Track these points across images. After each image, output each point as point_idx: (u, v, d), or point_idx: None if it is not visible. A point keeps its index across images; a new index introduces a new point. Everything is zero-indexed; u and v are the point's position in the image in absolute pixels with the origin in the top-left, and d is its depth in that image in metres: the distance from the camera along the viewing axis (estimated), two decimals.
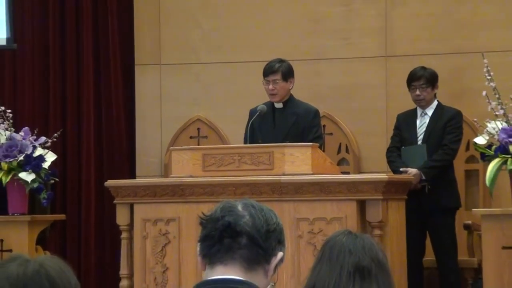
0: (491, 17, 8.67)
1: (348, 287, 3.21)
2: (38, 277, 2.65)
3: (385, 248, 3.35)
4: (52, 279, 2.66)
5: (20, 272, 2.65)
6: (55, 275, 2.67)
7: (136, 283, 7.20)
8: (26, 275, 2.65)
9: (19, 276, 2.65)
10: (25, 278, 2.65)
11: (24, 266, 2.67)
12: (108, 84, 9.56)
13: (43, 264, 2.67)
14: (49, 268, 2.67)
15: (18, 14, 9.64)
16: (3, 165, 7.36)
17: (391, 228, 6.84)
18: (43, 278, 2.66)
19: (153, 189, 7.19)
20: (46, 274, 2.66)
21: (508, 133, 6.65)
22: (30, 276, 2.65)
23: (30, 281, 2.64)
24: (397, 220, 6.96)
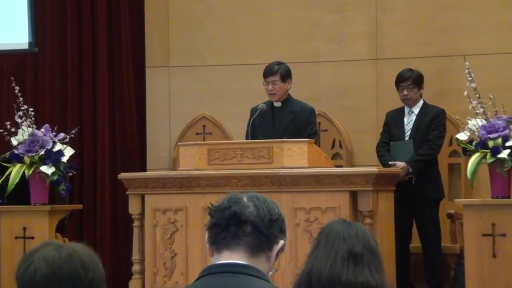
0: (472, 23, 8.66)
1: (342, 271, 3.22)
2: (71, 260, 2.70)
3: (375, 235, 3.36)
4: (84, 262, 2.71)
5: (55, 255, 2.70)
6: (87, 260, 2.72)
7: (147, 267, 7.18)
8: (60, 258, 2.69)
9: (55, 258, 2.69)
10: (60, 260, 2.69)
11: (59, 250, 2.71)
12: (121, 84, 9.56)
13: (76, 249, 2.72)
14: (81, 253, 2.72)
15: (39, 20, 9.66)
16: (26, 159, 7.33)
17: (381, 217, 6.83)
18: (76, 261, 2.70)
19: (163, 181, 7.17)
20: (79, 258, 2.71)
21: (487, 130, 6.63)
22: (64, 258, 2.69)
23: (64, 263, 2.69)
24: (386, 210, 6.95)
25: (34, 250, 2.77)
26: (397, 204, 7.19)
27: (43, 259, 2.70)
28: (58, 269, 2.67)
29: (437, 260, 8.09)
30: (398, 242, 7.24)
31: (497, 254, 6.54)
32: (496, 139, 6.61)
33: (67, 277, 2.68)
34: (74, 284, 2.68)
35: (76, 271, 2.69)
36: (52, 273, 2.68)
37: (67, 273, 2.69)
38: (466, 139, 6.78)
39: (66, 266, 2.69)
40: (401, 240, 7.53)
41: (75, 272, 2.69)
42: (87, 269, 2.71)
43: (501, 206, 6.60)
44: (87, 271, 2.71)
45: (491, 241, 6.55)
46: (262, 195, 2.95)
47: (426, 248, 8.09)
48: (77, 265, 2.69)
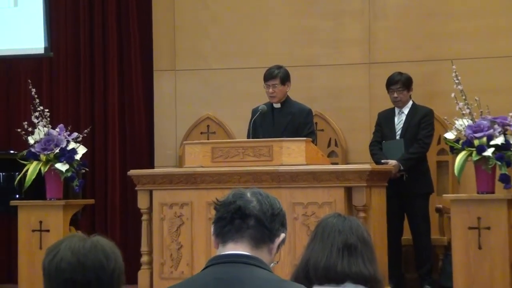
0: (458, 30, 8.66)
1: (337, 262, 3.25)
2: (95, 250, 2.72)
3: (368, 229, 3.37)
4: (106, 253, 2.73)
5: (80, 245, 2.72)
6: (109, 251, 2.74)
7: (155, 258, 7.18)
8: (85, 248, 2.71)
9: (80, 248, 2.71)
10: (84, 250, 2.71)
11: (83, 241, 2.73)
12: (130, 87, 9.57)
13: (99, 241, 2.74)
14: (104, 244, 2.74)
15: (54, 27, 9.66)
16: (42, 157, 7.33)
17: (374, 211, 6.82)
18: (99, 251, 2.72)
19: (169, 177, 7.17)
20: (102, 248, 2.73)
21: (473, 129, 6.62)
22: (88, 249, 2.72)
23: (88, 253, 2.71)
24: (379, 204, 6.95)
25: (60, 241, 2.79)
26: (389, 199, 7.19)
27: (69, 248, 2.72)
28: (82, 258, 2.69)
29: (427, 251, 8.09)
30: (390, 234, 7.24)
31: (482, 246, 6.55)
32: (481, 138, 6.61)
33: (91, 265, 2.70)
34: (96, 272, 2.70)
35: (99, 261, 2.71)
36: (77, 262, 2.70)
37: (91, 262, 2.71)
38: (453, 138, 6.78)
39: (90, 256, 2.71)
40: (392, 232, 7.53)
41: (98, 261, 2.71)
42: (109, 259, 2.73)
43: (486, 201, 6.60)
44: (109, 261, 2.73)
45: (477, 234, 6.55)
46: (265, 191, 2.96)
47: (416, 240, 8.09)
48: (100, 255, 2.72)
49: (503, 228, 6.53)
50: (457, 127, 6.75)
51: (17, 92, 9.63)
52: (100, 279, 2.71)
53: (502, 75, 8.51)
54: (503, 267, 6.51)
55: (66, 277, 2.70)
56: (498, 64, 8.54)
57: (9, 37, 9.67)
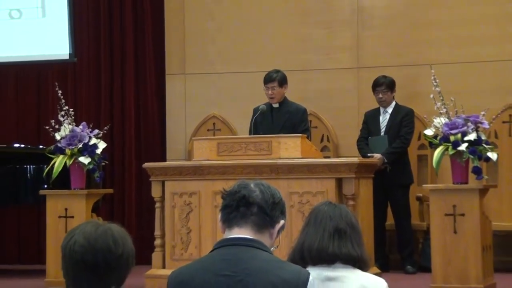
0: (437, 38, 8.66)
1: (329, 245, 3.25)
2: (105, 235, 2.70)
3: (356, 215, 3.38)
4: (115, 238, 2.70)
5: (92, 230, 2.71)
6: (118, 237, 2.71)
7: (167, 242, 7.16)
8: (97, 233, 2.70)
9: (92, 232, 2.70)
10: (96, 234, 2.69)
11: (96, 227, 2.72)
12: (145, 89, 9.57)
13: (110, 227, 2.72)
14: (115, 231, 2.72)
15: (77, 36, 9.66)
16: (67, 151, 7.33)
17: (361, 199, 6.81)
18: (109, 236, 2.70)
19: (180, 169, 7.14)
20: (111, 234, 2.71)
21: (449, 127, 6.61)
22: (99, 233, 2.70)
23: (99, 237, 2.69)
24: (366, 194, 6.94)
25: (76, 226, 2.80)
26: (375, 189, 7.17)
27: (82, 233, 2.72)
28: (93, 241, 2.68)
29: (408, 235, 8.13)
30: (375, 220, 7.23)
31: (457, 231, 6.55)
32: (456, 134, 6.60)
33: (100, 249, 2.69)
34: (105, 255, 2.69)
35: (108, 245, 2.69)
36: (88, 245, 2.69)
37: (100, 246, 2.69)
38: (432, 134, 6.77)
39: (100, 240, 2.69)
40: (378, 219, 7.54)
41: (106, 245, 2.69)
42: (117, 244, 2.71)
43: (460, 191, 6.60)
44: (117, 246, 2.70)
45: (453, 220, 6.55)
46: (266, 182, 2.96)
47: (399, 226, 8.12)
48: (109, 240, 2.70)
49: (475, 215, 6.54)
50: (435, 124, 6.74)
51: (46, 93, 9.65)
52: (107, 261, 2.69)
53: (475, 79, 8.52)
54: (475, 250, 6.52)
55: (78, 259, 2.70)
56: (471, 68, 8.55)
57: (39, 44, 9.68)
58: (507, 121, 8.46)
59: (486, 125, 6.73)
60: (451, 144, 6.61)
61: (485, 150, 6.65)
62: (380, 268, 7.17)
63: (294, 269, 2.81)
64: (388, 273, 7.62)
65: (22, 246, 9.78)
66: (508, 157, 8.38)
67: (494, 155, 6.70)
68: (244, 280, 2.73)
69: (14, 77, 9.91)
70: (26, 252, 9.71)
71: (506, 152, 8.35)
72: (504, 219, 8.16)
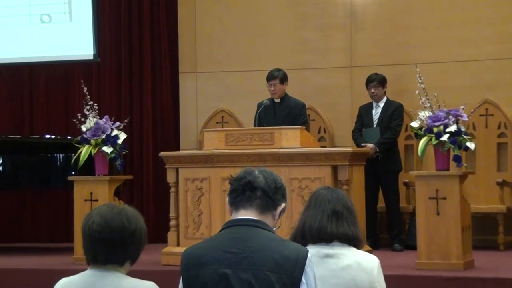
0: (422, 40, 8.67)
1: (327, 225, 3.26)
2: (120, 215, 2.77)
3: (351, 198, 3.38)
4: (128, 217, 2.77)
5: (108, 211, 2.77)
6: (131, 215, 2.78)
7: (180, 222, 7.16)
8: (112, 212, 2.77)
9: (107, 212, 2.76)
10: (111, 214, 2.76)
11: (111, 208, 2.79)
12: (160, 86, 9.56)
13: (124, 208, 2.79)
14: (128, 211, 2.79)
15: (101, 38, 9.66)
16: (92, 142, 7.33)
17: (355, 184, 6.81)
18: (123, 216, 2.77)
19: (192, 158, 7.14)
20: (125, 214, 2.78)
21: (433, 119, 6.60)
22: (114, 213, 2.77)
23: (114, 217, 2.76)
24: (358, 179, 6.93)
25: (94, 208, 2.86)
26: (367, 175, 7.18)
27: (99, 214, 2.78)
28: (109, 220, 2.74)
29: (396, 216, 8.14)
30: (367, 203, 7.23)
31: (440, 213, 6.54)
32: (439, 126, 6.59)
33: (115, 227, 2.74)
34: (120, 232, 2.74)
35: (122, 223, 2.75)
36: (104, 223, 2.74)
37: (115, 224, 2.75)
38: (417, 126, 6.76)
39: (115, 219, 2.75)
40: (369, 202, 7.51)
41: (121, 224, 2.75)
42: (131, 222, 2.76)
43: (442, 176, 6.59)
44: (131, 223, 2.76)
45: (435, 203, 6.55)
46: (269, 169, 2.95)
47: (388, 208, 8.12)
48: (123, 219, 2.76)
49: (456, 198, 6.53)
50: (420, 117, 6.73)
51: (73, 90, 9.65)
52: (123, 238, 2.74)
53: (456, 76, 8.52)
54: (456, 229, 6.52)
55: (96, 236, 2.75)
56: (452, 67, 8.57)
57: (66, 46, 9.67)
58: (483, 115, 8.47)
59: (465, 118, 6.71)
60: (434, 135, 6.60)
61: (464, 140, 6.64)
62: (371, 246, 7.19)
63: (294, 247, 2.81)
64: (378, 250, 7.63)
65: (53, 226, 9.80)
66: (484, 147, 8.39)
67: (472, 145, 6.69)
68: (250, 257, 2.73)
69: (45, 76, 9.90)
70: (56, 232, 9.72)
71: (482, 142, 8.37)
72: (481, 202, 8.17)
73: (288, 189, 6.68)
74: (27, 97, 9.93)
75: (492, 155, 8.41)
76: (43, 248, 9.11)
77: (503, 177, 8.22)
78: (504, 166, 8.41)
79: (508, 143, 8.41)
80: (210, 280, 2.72)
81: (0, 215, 9.92)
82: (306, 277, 2.71)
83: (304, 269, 2.71)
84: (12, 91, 9.96)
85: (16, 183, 8.43)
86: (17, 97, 9.94)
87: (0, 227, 9.90)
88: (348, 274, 3.21)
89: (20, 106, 9.93)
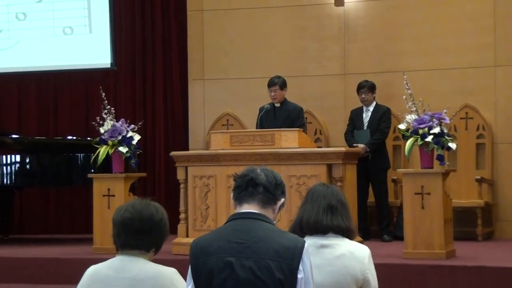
0: (408, 50, 8.67)
1: (323, 218, 3.25)
2: (148, 206, 2.88)
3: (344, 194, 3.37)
4: (156, 208, 2.89)
5: (138, 203, 2.89)
6: (158, 208, 2.91)
7: (189, 215, 7.17)
8: (142, 204, 2.88)
9: (138, 204, 2.88)
10: (141, 205, 2.87)
11: (140, 201, 2.90)
12: (171, 92, 9.57)
13: (151, 202, 2.91)
14: (155, 204, 2.91)
15: (117, 48, 9.68)
16: (109, 142, 7.33)
17: (348, 181, 6.81)
18: (152, 207, 2.88)
19: (199, 157, 7.13)
20: (154, 206, 2.90)
21: (418, 122, 6.60)
22: (144, 204, 2.88)
23: (144, 207, 2.87)
24: (351, 176, 6.93)
25: (126, 202, 2.96)
26: (358, 173, 7.17)
27: (131, 205, 2.88)
28: (140, 210, 2.85)
29: (385, 210, 8.14)
30: (359, 198, 7.24)
31: (424, 206, 6.54)
32: (424, 128, 6.59)
33: (145, 216, 2.84)
34: (149, 221, 2.84)
35: (151, 213, 2.85)
36: (135, 212, 2.84)
37: (145, 214, 2.85)
38: (404, 128, 6.77)
39: (145, 210, 2.85)
40: (361, 197, 7.53)
41: (150, 213, 2.85)
42: (158, 213, 2.87)
43: (427, 174, 6.59)
44: (158, 214, 2.87)
45: (421, 198, 6.54)
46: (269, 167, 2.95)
47: (378, 202, 8.13)
48: (152, 210, 2.86)
49: (439, 193, 6.53)
50: (407, 120, 6.74)
51: (92, 95, 9.64)
52: (151, 226, 2.84)
53: (439, 83, 8.52)
54: (439, 222, 6.52)
55: (128, 224, 2.84)
56: (436, 74, 8.57)
57: (86, 55, 9.69)
58: (464, 118, 8.48)
59: (448, 120, 6.72)
60: (420, 136, 6.60)
61: (447, 141, 6.64)
62: (363, 237, 7.18)
63: (293, 237, 2.81)
64: (368, 241, 7.62)
65: (74, 219, 9.82)
66: (465, 147, 8.39)
67: (454, 145, 6.69)
68: (252, 246, 2.73)
69: (68, 82, 9.92)
70: (77, 224, 9.74)
71: (463, 143, 8.37)
72: (461, 197, 8.16)
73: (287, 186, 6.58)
74: (51, 102, 9.96)
75: (472, 155, 8.42)
76: (65, 239, 9.12)
77: (482, 175, 8.23)
78: (482, 164, 8.42)
79: (486, 144, 8.41)
80: (216, 268, 2.73)
81: (27, 209, 9.98)
82: (303, 265, 2.71)
83: (301, 257, 2.71)
84: (38, 96, 10.00)
85: (42, 180, 8.43)
86: (43, 102, 9.98)
87: (27, 220, 9.95)
88: (342, 262, 3.20)
89: (45, 110, 9.96)
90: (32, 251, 7.83)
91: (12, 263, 7.19)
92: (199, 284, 2.75)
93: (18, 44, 9.87)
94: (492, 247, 7.47)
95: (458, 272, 6.11)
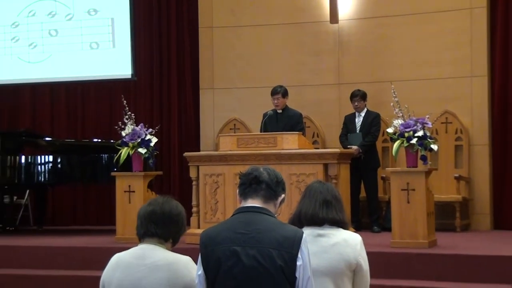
0: (396, 62, 8.66)
1: (319, 212, 3.25)
2: (169, 202, 2.93)
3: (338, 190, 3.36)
4: (176, 204, 2.94)
5: (160, 198, 2.94)
6: (178, 204, 2.96)
7: (200, 209, 7.14)
8: (163, 199, 2.93)
9: (160, 199, 2.94)
10: (163, 200, 2.92)
11: (162, 197, 2.95)
12: (184, 99, 9.57)
13: (171, 198, 2.95)
14: (174, 200, 2.96)
15: (137, 61, 9.69)
16: (130, 145, 7.32)
17: (342, 179, 6.79)
18: (172, 202, 2.94)
19: (210, 157, 7.12)
20: (174, 201, 2.95)
21: (404, 126, 6.58)
22: (166, 199, 2.93)
23: (165, 202, 2.92)
24: (344, 174, 6.91)
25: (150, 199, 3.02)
26: (351, 171, 7.16)
27: (154, 201, 2.93)
28: (161, 204, 2.90)
29: (375, 204, 8.11)
30: (352, 194, 7.23)
31: (409, 201, 6.53)
32: (409, 132, 6.58)
33: (167, 210, 2.89)
34: (169, 213, 2.88)
35: (171, 207, 2.90)
36: (157, 205, 2.89)
37: (166, 208, 2.90)
38: (392, 132, 6.77)
39: (166, 204, 2.91)
40: (353, 192, 7.53)
41: (170, 207, 2.90)
42: (178, 207, 2.92)
43: (412, 172, 6.57)
44: (178, 207, 2.92)
45: (406, 193, 6.53)
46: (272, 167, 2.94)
47: (369, 198, 8.10)
48: (173, 204, 2.92)
49: (422, 189, 6.51)
50: (394, 125, 6.73)
51: (115, 103, 9.62)
52: (171, 217, 2.89)
53: (422, 91, 8.51)
54: (422, 215, 6.51)
55: (150, 215, 2.89)
56: (420, 84, 8.55)
57: (110, 67, 9.70)
58: (444, 122, 8.47)
59: (430, 125, 6.70)
60: (406, 139, 6.60)
61: (429, 143, 6.62)
62: (355, 228, 7.16)
63: (292, 228, 2.80)
64: (360, 232, 7.56)
65: (99, 212, 9.82)
66: (445, 148, 8.39)
67: (435, 146, 6.67)
68: (256, 236, 2.72)
69: (94, 91, 9.94)
70: (102, 216, 9.74)
71: (443, 145, 8.35)
72: (442, 193, 8.15)
73: (288, 183, 6.73)
74: (79, 108, 9.99)
75: (451, 155, 8.40)
76: (91, 230, 9.13)
77: (460, 173, 8.23)
78: (460, 164, 8.41)
79: (463, 146, 8.40)
80: (223, 256, 2.72)
81: (58, 204, 10.01)
82: (302, 253, 2.70)
83: (300, 246, 2.70)
84: (68, 103, 10.03)
85: (71, 177, 8.42)
86: (72, 108, 10.00)
87: (58, 213, 9.99)
88: (337, 249, 3.19)
89: (74, 115, 9.99)
90: (62, 241, 7.84)
91: (46, 251, 7.21)
92: (208, 270, 2.74)
93: (50, 57, 9.91)
94: (468, 237, 7.46)
95: (439, 259, 6.11)
